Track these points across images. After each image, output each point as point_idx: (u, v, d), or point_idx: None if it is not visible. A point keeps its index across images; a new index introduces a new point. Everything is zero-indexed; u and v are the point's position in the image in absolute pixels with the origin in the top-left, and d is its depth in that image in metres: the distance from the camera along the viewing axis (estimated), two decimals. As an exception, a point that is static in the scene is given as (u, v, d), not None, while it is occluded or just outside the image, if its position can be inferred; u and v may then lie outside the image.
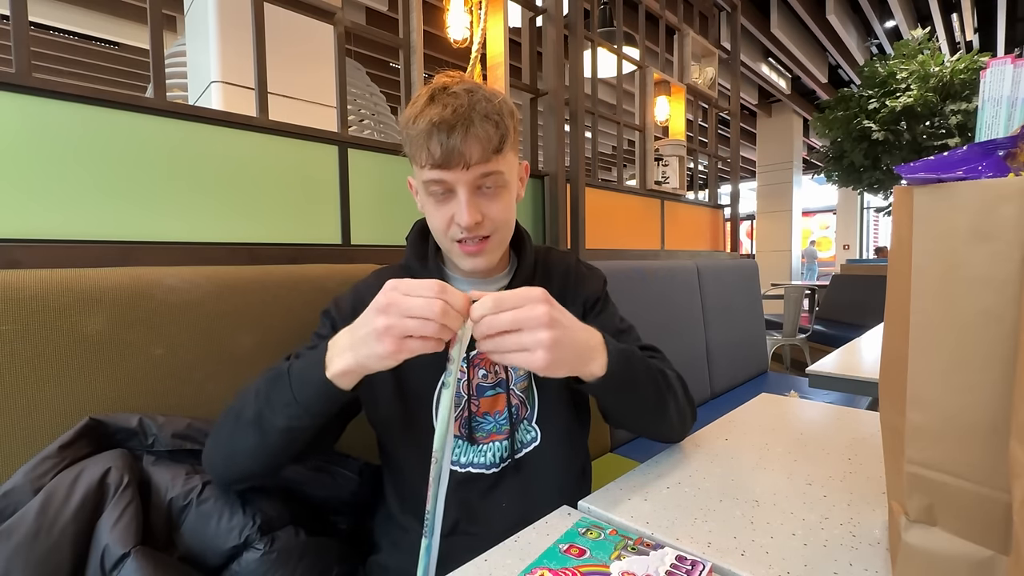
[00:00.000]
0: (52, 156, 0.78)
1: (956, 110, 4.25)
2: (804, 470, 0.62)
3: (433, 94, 0.62)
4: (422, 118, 0.60)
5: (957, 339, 0.34)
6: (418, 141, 0.60)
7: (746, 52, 5.42)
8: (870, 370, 1.12)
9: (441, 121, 0.59)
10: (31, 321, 0.62)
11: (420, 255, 0.73)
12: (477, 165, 0.60)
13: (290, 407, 0.53)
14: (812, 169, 10.81)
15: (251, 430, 0.55)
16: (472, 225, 0.62)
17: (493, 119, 0.61)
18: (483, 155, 0.60)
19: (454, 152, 0.59)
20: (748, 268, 2.43)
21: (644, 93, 2.18)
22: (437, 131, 0.59)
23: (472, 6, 1.58)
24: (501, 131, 0.62)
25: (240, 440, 0.57)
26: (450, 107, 0.59)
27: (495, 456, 0.68)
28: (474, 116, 0.59)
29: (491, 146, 0.61)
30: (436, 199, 0.64)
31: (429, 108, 0.60)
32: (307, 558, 0.63)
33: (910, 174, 0.35)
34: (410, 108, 0.63)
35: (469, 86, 0.62)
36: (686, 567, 0.42)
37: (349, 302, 0.70)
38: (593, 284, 0.78)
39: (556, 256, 0.79)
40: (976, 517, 0.34)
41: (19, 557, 0.49)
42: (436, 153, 0.59)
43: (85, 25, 3.94)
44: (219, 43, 1.67)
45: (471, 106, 0.60)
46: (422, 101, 0.62)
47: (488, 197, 0.64)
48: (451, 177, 0.61)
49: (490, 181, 0.63)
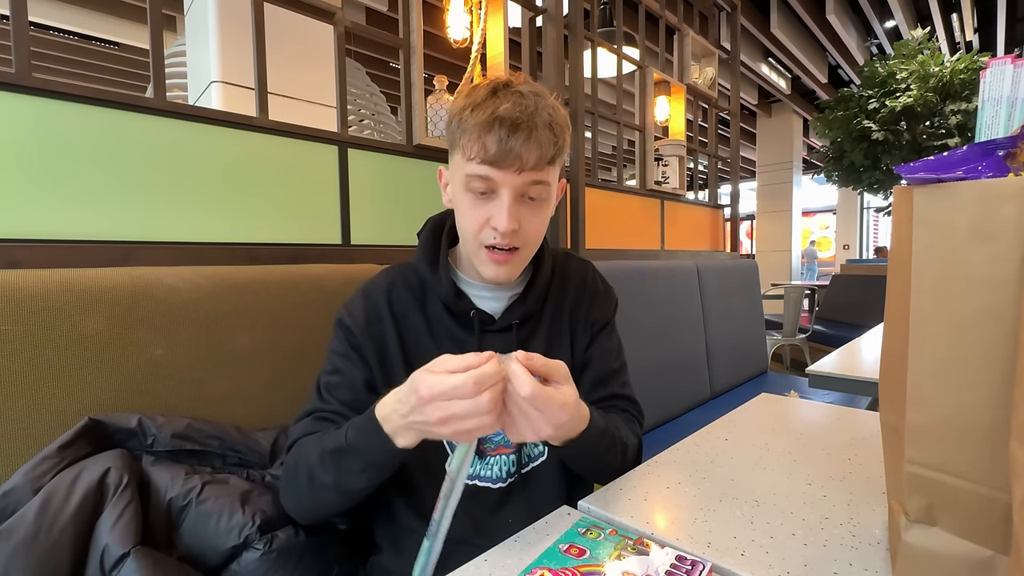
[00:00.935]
0: (52, 156, 0.78)
1: (956, 110, 4.25)
2: (804, 470, 0.62)
3: (496, 88, 0.59)
4: (482, 109, 0.57)
5: (957, 339, 0.34)
6: (473, 132, 0.57)
7: (746, 52, 5.42)
8: (870, 370, 1.12)
9: (505, 117, 0.56)
10: (31, 321, 0.62)
11: (431, 259, 0.69)
12: (530, 171, 0.58)
13: (368, 471, 0.55)
14: (812, 169, 10.81)
15: (332, 494, 0.57)
16: (509, 232, 0.59)
17: (554, 129, 0.59)
18: (538, 162, 0.58)
19: (511, 152, 0.56)
20: (748, 268, 2.43)
21: (644, 93, 2.19)
22: (499, 126, 0.56)
23: (472, 6, 1.58)
24: (559, 143, 0.60)
25: (322, 500, 0.59)
26: (517, 105, 0.57)
27: (502, 471, 0.67)
28: (538, 120, 0.57)
29: (547, 155, 0.59)
30: (474, 196, 0.61)
31: (491, 101, 0.57)
32: (307, 558, 0.63)
33: (910, 174, 0.35)
34: (465, 98, 0.60)
35: (535, 89, 0.60)
36: (686, 567, 0.42)
37: (361, 310, 0.67)
38: (607, 306, 0.77)
39: (575, 265, 0.77)
40: (976, 517, 0.34)
41: (19, 557, 0.49)
42: (492, 149, 0.57)
43: (85, 25, 3.94)
44: (219, 43, 1.67)
45: (536, 110, 0.58)
46: (482, 93, 0.59)
47: (529, 208, 0.62)
48: (500, 177, 0.58)
49: (535, 191, 0.61)
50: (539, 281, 0.70)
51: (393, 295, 0.68)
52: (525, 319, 0.69)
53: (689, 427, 0.93)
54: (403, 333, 0.67)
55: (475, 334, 0.67)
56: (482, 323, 0.67)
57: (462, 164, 0.60)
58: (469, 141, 0.58)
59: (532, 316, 0.70)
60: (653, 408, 1.66)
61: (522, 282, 0.71)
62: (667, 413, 1.74)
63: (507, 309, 0.69)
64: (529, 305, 0.69)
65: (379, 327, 0.66)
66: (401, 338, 0.66)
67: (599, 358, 0.73)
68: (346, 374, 0.65)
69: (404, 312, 0.68)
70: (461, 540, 0.64)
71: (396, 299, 0.68)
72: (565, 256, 0.78)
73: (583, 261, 0.79)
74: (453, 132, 0.61)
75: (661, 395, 1.72)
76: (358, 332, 0.65)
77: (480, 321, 0.67)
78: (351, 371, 0.65)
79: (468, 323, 0.67)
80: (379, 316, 0.67)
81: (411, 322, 0.67)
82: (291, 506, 0.62)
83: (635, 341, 1.57)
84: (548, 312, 0.72)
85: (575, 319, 0.73)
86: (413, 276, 0.71)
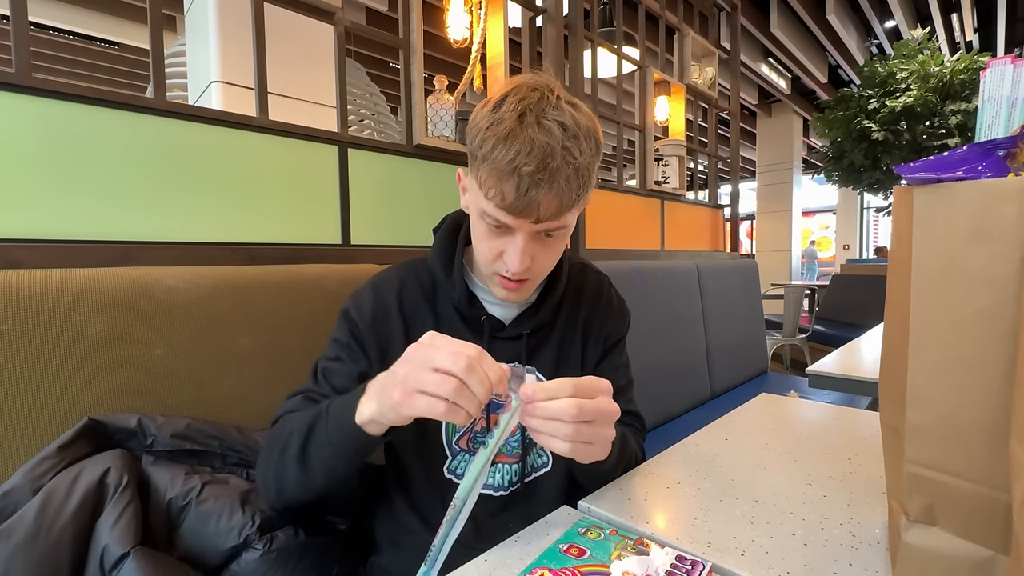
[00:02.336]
0: (52, 156, 0.78)
1: (956, 110, 4.25)
2: (804, 470, 0.62)
3: (524, 113, 0.53)
4: (505, 146, 0.52)
5: (957, 339, 0.34)
6: (492, 174, 0.54)
7: (746, 52, 5.42)
8: (870, 370, 1.12)
9: (526, 169, 0.52)
10: (31, 321, 0.62)
11: (445, 260, 0.68)
12: (547, 220, 0.56)
13: (326, 447, 0.53)
14: (812, 169, 10.81)
15: (295, 465, 0.55)
16: (521, 271, 0.59)
17: (580, 174, 0.55)
18: (557, 212, 0.55)
19: (531, 203, 0.53)
20: (748, 268, 2.43)
21: (644, 93, 2.19)
22: (518, 177, 0.52)
23: (472, 6, 1.58)
24: (584, 188, 0.56)
25: (287, 473, 0.57)
26: (542, 150, 0.52)
27: (504, 479, 0.67)
28: (561, 169, 0.53)
29: (568, 203, 0.56)
30: (489, 228, 0.59)
31: (517, 134, 0.52)
32: (307, 558, 0.63)
33: (910, 174, 0.35)
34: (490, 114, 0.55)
35: (564, 119, 0.54)
36: (686, 567, 0.42)
37: (369, 304, 0.66)
38: (621, 322, 0.77)
39: (592, 278, 0.76)
40: (976, 517, 0.34)
41: (18, 557, 0.49)
42: (509, 198, 0.53)
43: (85, 25, 3.94)
44: (219, 43, 1.67)
45: (563, 155, 0.53)
46: (510, 120, 0.53)
47: (543, 245, 0.60)
48: (516, 224, 0.56)
49: (552, 231, 0.59)
50: (554, 294, 0.69)
51: (404, 293, 0.68)
52: (536, 329, 0.69)
53: (689, 427, 0.94)
54: (411, 331, 0.66)
55: (484, 339, 0.66)
56: (492, 329, 0.67)
57: (478, 194, 0.57)
58: (487, 179, 0.55)
59: (544, 327, 0.70)
60: (653, 408, 1.66)
61: (536, 291, 0.70)
62: (667, 413, 1.74)
63: (518, 318, 0.69)
64: (541, 317, 0.68)
65: (386, 324, 0.66)
66: (408, 335, 0.66)
67: (609, 373, 0.72)
68: (345, 363, 0.65)
69: (414, 310, 0.68)
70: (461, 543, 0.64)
71: (407, 297, 0.68)
72: (582, 268, 0.77)
73: (600, 274, 0.78)
74: (474, 151, 0.57)
75: (661, 395, 1.72)
76: (363, 327, 0.65)
77: (490, 327, 0.67)
78: (350, 362, 0.65)
79: (478, 327, 0.67)
80: (387, 313, 0.67)
81: (420, 320, 0.67)
82: (259, 478, 0.61)
83: (635, 341, 1.56)
84: (561, 324, 0.71)
85: (588, 332, 0.72)
86: (426, 274, 0.70)
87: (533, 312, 0.69)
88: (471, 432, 0.67)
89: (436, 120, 1.34)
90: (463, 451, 0.66)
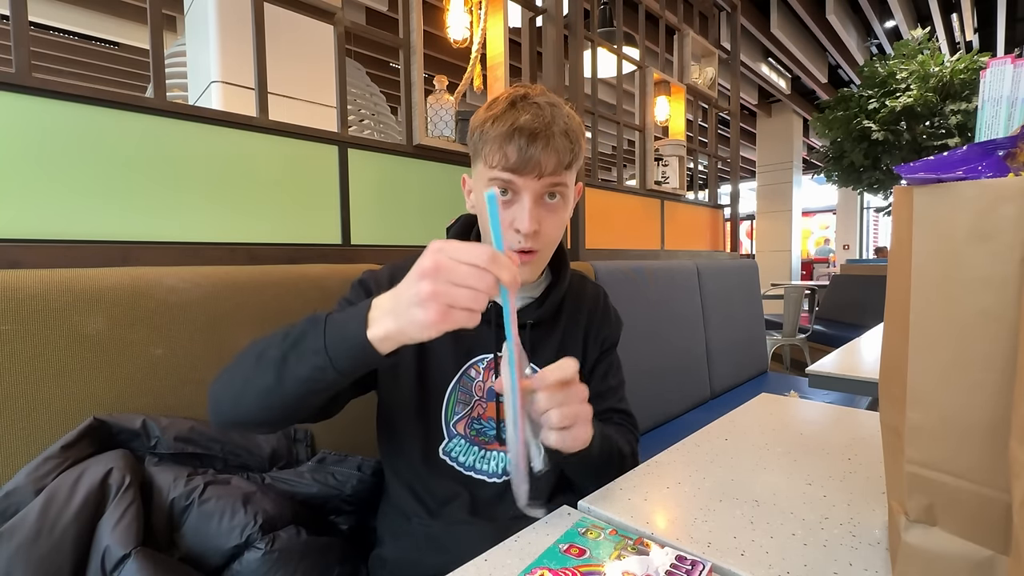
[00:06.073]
0: (52, 156, 0.78)
1: (956, 110, 4.25)
2: (804, 470, 0.62)
3: (514, 100, 0.64)
4: (502, 121, 0.62)
5: (957, 339, 0.34)
6: (495, 143, 0.62)
7: (746, 52, 5.42)
8: (870, 370, 1.12)
9: (524, 127, 0.61)
10: (31, 321, 0.62)
11: None
12: (549, 176, 0.63)
13: (318, 356, 0.49)
14: (812, 169, 10.80)
15: (270, 371, 0.51)
16: (531, 232, 0.63)
17: (570, 136, 0.64)
18: (556, 168, 0.63)
19: (531, 160, 0.61)
20: (748, 268, 2.43)
21: (644, 93, 2.19)
22: (518, 136, 0.61)
23: (472, 6, 1.58)
24: (575, 149, 0.64)
25: (255, 380, 0.52)
26: (534, 116, 0.62)
27: (498, 467, 0.69)
28: (555, 129, 0.62)
29: (564, 161, 0.63)
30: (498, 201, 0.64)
31: (510, 113, 0.62)
32: (308, 558, 0.63)
33: (910, 174, 0.35)
34: (485, 111, 0.65)
35: (551, 99, 0.65)
36: (686, 567, 0.42)
37: (386, 275, 0.71)
38: (616, 327, 0.82)
39: (590, 288, 0.82)
40: (976, 517, 0.34)
41: (20, 558, 0.50)
42: (512, 157, 0.61)
43: (85, 25, 3.93)
44: (219, 43, 1.67)
45: (553, 119, 0.62)
46: (502, 106, 0.64)
47: (548, 209, 0.66)
48: (521, 182, 0.62)
49: (555, 192, 0.65)
50: (558, 291, 0.73)
51: None
52: (539, 322, 0.72)
53: (689, 427, 0.93)
54: None
55: (491, 328, 0.69)
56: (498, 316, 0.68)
57: (485, 172, 0.64)
58: (491, 151, 0.62)
59: (545, 321, 0.73)
60: (653, 408, 1.66)
61: (539, 287, 0.74)
62: (667, 413, 1.74)
63: (523, 310, 0.71)
64: (545, 310, 0.71)
65: None
66: None
67: (603, 372, 0.77)
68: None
69: None
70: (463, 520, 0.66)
71: None
72: (581, 278, 0.83)
73: (597, 285, 0.84)
74: (475, 143, 0.66)
75: (661, 395, 1.72)
76: (376, 290, 0.67)
77: (496, 314, 0.69)
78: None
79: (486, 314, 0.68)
80: None
81: None
82: (214, 389, 0.56)
83: (635, 341, 1.57)
84: (562, 322, 0.75)
85: (588, 333, 0.77)
86: None
87: (538, 304, 0.72)
88: (469, 417, 0.69)
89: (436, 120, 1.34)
90: (459, 435, 0.69)
